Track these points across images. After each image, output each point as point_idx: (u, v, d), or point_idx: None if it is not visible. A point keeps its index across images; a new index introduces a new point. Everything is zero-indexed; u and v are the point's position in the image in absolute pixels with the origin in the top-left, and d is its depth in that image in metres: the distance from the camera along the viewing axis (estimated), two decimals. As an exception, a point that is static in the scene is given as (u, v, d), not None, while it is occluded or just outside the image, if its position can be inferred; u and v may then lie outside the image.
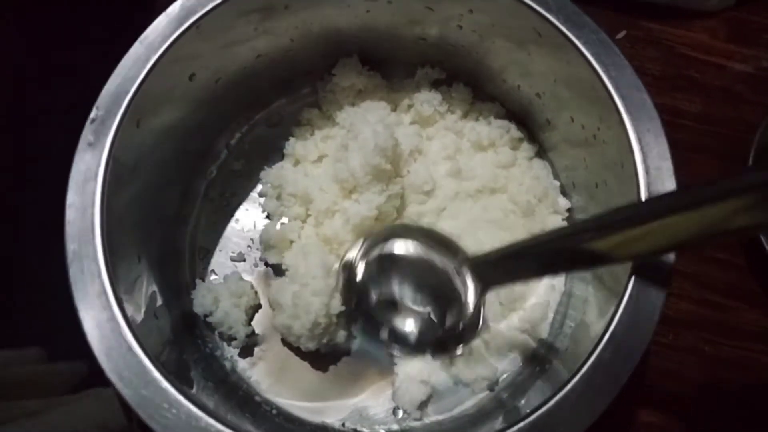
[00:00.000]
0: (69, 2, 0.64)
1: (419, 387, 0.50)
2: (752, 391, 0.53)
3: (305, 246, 0.53)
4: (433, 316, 0.47)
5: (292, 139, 0.58)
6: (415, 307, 0.48)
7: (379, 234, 0.50)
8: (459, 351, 0.50)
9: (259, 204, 0.58)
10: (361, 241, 0.50)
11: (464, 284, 0.46)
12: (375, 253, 0.49)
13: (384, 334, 0.48)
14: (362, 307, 0.49)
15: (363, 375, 0.52)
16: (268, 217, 0.57)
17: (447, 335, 0.48)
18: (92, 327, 0.38)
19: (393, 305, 0.48)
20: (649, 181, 0.41)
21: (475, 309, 0.46)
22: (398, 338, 0.48)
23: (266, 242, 0.55)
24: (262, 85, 0.58)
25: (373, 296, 0.49)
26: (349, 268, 0.49)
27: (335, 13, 0.53)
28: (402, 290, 0.48)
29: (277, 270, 0.55)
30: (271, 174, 0.57)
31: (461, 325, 0.47)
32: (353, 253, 0.49)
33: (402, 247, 0.49)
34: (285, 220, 0.56)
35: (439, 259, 0.47)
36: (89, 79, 0.45)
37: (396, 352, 0.52)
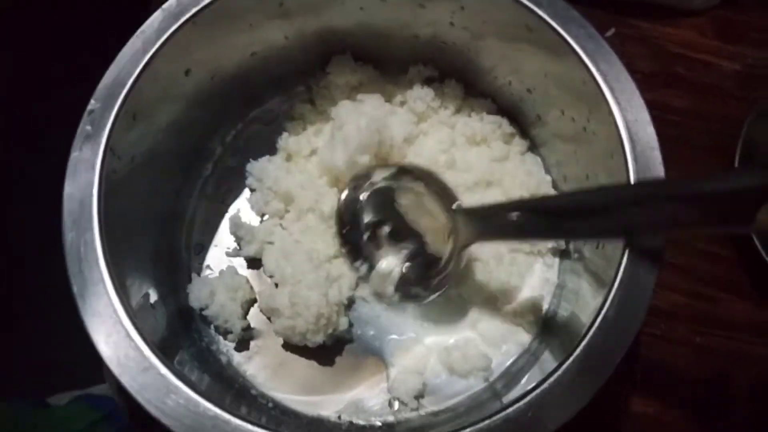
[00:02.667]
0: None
1: (415, 378, 0.50)
2: (743, 380, 0.54)
3: (283, 248, 0.53)
4: (413, 259, 0.50)
5: (285, 134, 0.59)
6: (401, 245, 0.50)
7: (386, 167, 0.52)
8: (429, 298, 0.50)
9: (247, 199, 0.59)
10: (368, 172, 0.52)
11: (453, 231, 0.48)
12: (377, 184, 0.52)
13: (363, 269, 0.51)
14: (352, 235, 0.52)
15: (359, 368, 0.52)
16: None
17: (422, 280, 0.50)
18: (90, 314, 0.39)
19: (378, 240, 0.51)
20: (638, 170, 0.42)
21: (456, 259, 0.48)
22: (375, 275, 0.50)
23: (235, 233, 0.56)
24: (257, 82, 0.59)
25: (363, 226, 0.51)
26: (353, 189, 0.52)
27: (329, 11, 0.54)
28: (392, 225, 0.51)
29: (252, 263, 0.56)
30: (256, 167, 0.57)
31: (439, 272, 0.49)
32: (359, 181, 0.52)
33: (402, 183, 0.51)
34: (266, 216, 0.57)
35: (434, 202, 0.50)
36: (86, 74, 0.46)
37: (368, 290, 0.53)
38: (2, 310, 0.57)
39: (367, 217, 0.51)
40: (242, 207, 0.58)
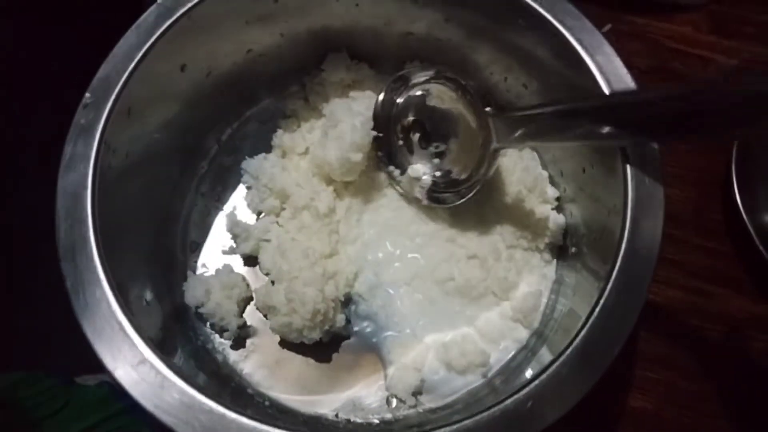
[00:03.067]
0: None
1: (412, 374, 0.50)
2: (740, 374, 0.53)
3: (280, 245, 0.53)
4: (444, 165, 0.54)
5: (279, 131, 0.59)
6: (433, 151, 0.54)
7: (423, 69, 0.55)
8: (457, 203, 0.53)
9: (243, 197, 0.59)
10: (406, 74, 0.55)
11: (485, 135, 0.50)
12: (414, 89, 0.54)
13: (396, 173, 0.55)
14: (386, 140, 0.55)
15: (356, 365, 0.52)
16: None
17: (452, 185, 0.53)
18: (84, 309, 0.38)
19: (411, 145, 0.55)
20: (635, 162, 0.42)
21: (487, 163, 0.50)
22: (406, 178, 0.55)
23: (231, 230, 0.56)
24: (253, 80, 0.59)
25: (398, 129, 0.55)
26: (390, 92, 0.55)
27: (325, 8, 0.54)
28: (425, 128, 0.54)
29: (248, 261, 0.56)
30: (252, 165, 0.57)
31: (470, 177, 0.52)
32: (397, 83, 0.55)
33: (437, 87, 0.53)
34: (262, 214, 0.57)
35: (468, 106, 0.51)
36: (81, 66, 0.46)
37: (399, 188, 0.56)
38: (24, 292, 0.58)
39: (403, 119, 0.54)
40: (238, 205, 0.58)
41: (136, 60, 0.44)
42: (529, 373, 0.48)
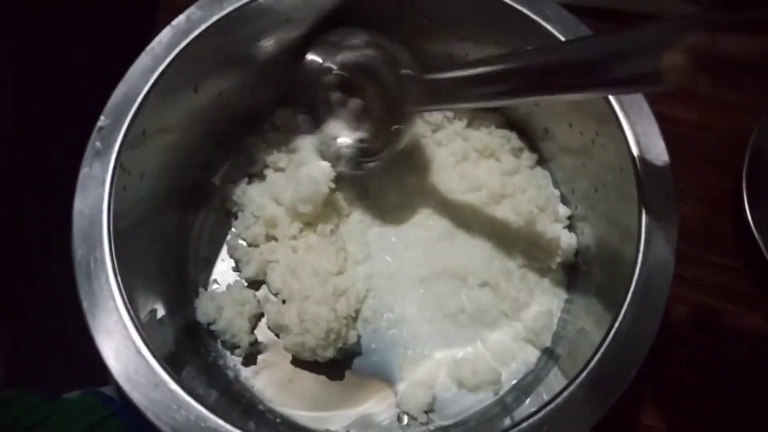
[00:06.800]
0: (73, 12, 0.65)
1: (424, 391, 0.50)
2: (753, 393, 0.53)
3: (289, 265, 0.53)
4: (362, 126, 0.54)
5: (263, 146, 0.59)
6: (353, 116, 0.54)
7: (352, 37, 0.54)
8: (371, 164, 0.54)
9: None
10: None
11: (400, 99, 0.51)
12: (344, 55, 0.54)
13: (323, 137, 0.55)
14: (308, 98, 0.56)
15: (367, 382, 0.52)
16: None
17: (368, 147, 0.54)
18: (100, 330, 0.38)
19: (331, 105, 0.55)
20: (648, 182, 0.42)
21: (404, 124, 0.51)
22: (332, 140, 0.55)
23: (232, 255, 0.56)
24: (265, 96, 0.59)
25: (321, 89, 0.55)
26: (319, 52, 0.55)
27: (335, 22, 0.54)
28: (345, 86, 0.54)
29: (251, 285, 0.56)
30: (235, 194, 0.57)
31: (385, 140, 0.52)
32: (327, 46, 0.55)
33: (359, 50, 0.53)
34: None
35: (385, 67, 0.52)
36: (94, 90, 0.46)
37: (317, 144, 0.56)
38: (17, 313, 0.58)
39: (327, 77, 0.54)
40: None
41: (150, 83, 0.45)
42: (541, 392, 0.48)
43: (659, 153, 0.43)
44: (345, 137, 0.55)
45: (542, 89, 0.42)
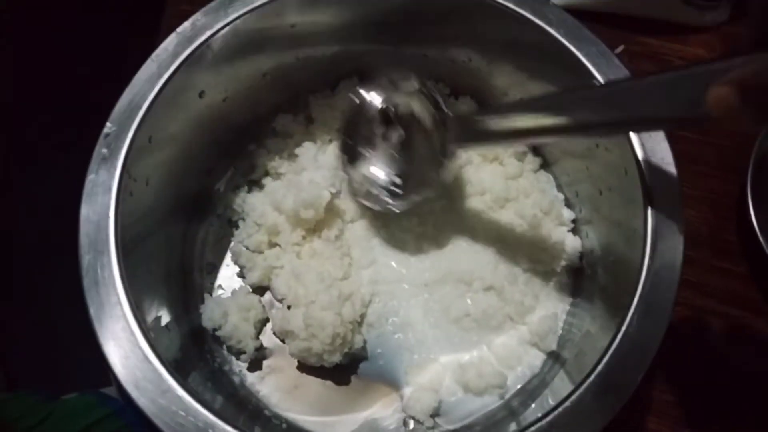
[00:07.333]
0: (78, 19, 0.66)
1: (430, 396, 0.50)
2: (758, 400, 0.53)
3: (294, 270, 0.53)
4: (401, 162, 0.53)
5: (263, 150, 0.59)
6: (394, 139, 0.53)
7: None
8: (417, 198, 0.53)
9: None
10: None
11: (441, 138, 0.50)
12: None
13: (357, 174, 0.54)
14: (350, 141, 0.55)
15: (373, 387, 0.52)
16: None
17: (400, 187, 0.53)
18: (107, 337, 0.39)
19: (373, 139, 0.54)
20: (653, 186, 0.42)
21: (444, 168, 0.51)
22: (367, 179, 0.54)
23: (236, 261, 0.56)
24: (269, 102, 0.59)
25: (361, 133, 0.54)
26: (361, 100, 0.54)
27: (339, 32, 0.55)
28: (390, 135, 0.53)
29: (256, 290, 0.56)
30: (236, 202, 0.58)
31: (426, 178, 0.52)
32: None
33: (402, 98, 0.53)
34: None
35: (423, 113, 0.52)
36: (98, 96, 0.46)
37: (356, 185, 0.55)
38: (18, 317, 0.58)
39: (363, 131, 0.54)
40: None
41: (156, 89, 0.45)
42: (547, 395, 0.48)
43: (664, 156, 0.43)
44: (380, 174, 0.54)
45: (584, 132, 0.43)
